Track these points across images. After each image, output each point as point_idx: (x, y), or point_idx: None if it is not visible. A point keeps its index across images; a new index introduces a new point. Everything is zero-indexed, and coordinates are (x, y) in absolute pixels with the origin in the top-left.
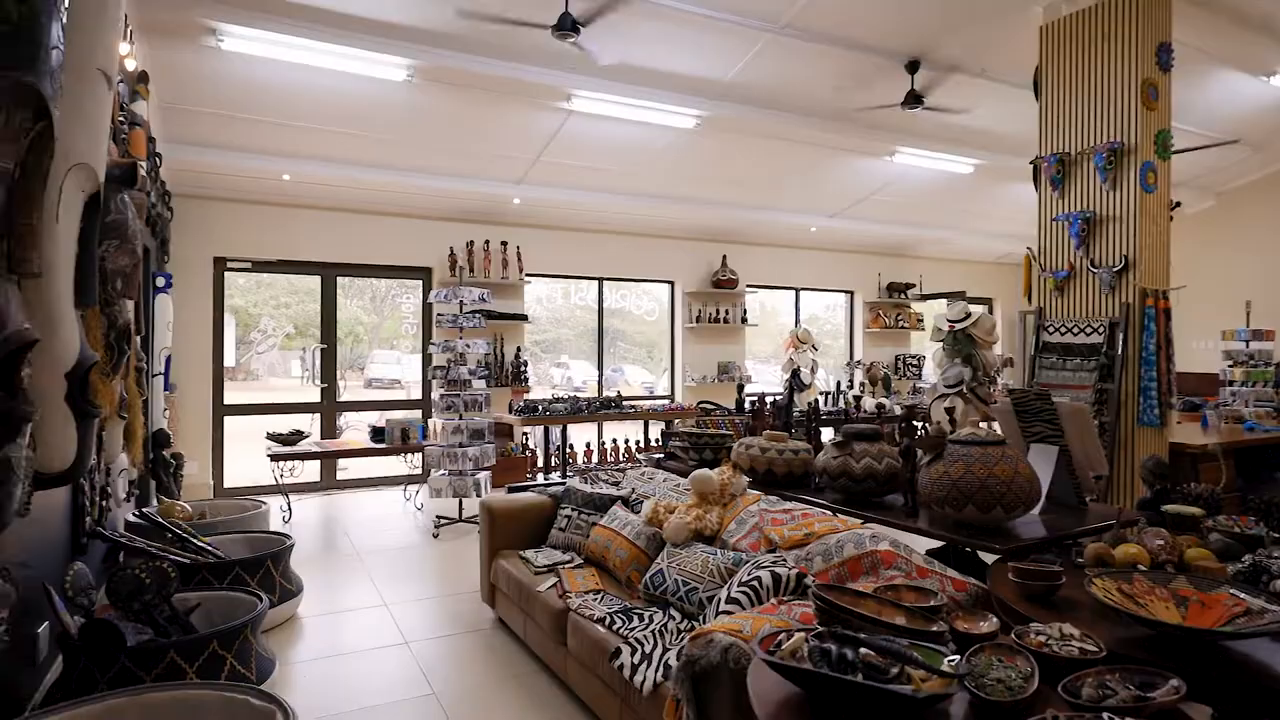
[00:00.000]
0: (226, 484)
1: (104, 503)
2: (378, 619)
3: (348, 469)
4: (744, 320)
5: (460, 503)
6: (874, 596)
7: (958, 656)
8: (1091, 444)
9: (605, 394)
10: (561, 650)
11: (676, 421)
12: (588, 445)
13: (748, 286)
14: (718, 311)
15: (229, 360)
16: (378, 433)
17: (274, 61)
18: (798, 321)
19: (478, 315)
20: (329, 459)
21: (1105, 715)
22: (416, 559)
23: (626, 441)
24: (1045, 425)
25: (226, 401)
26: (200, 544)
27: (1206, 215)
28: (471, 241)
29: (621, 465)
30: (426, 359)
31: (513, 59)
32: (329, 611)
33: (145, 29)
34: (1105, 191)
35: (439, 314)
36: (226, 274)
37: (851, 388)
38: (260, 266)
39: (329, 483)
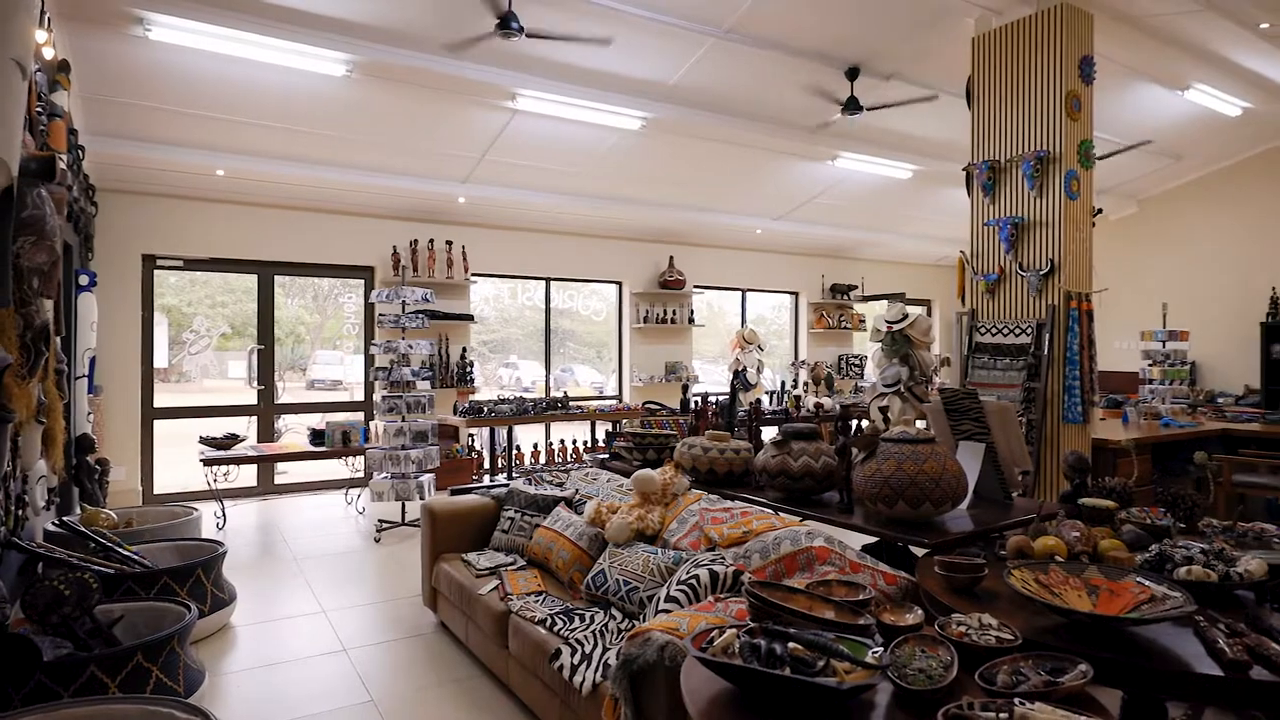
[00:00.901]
0: (157, 490)
1: (20, 512)
2: (315, 626)
3: (287, 473)
4: (691, 321)
5: (403, 506)
6: (805, 592)
7: (882, 648)
8: (1016, 441)
9: (553, 394)
10: (503, 653)
11: (625, 422)
12: (535, 446)
13: (695, 287)
14: (665, 312)
15: (160, 361)
16: (317, 435)
17: (206, 53)
18: (744, 322)
19: (421, 315)
20: (266, 463)
21: (1016, 700)
22: (357, 564)
23: (574, 442)
24: (973, 423)
25: (157, 404)
26: (126, 553)
27: (1129, 221)
28: (415, 240)
29: (567, 466)
30: (369, 360)
31: (455, 56)
32: (264, 620)
33: (65, 16)
34: (1032, 198)
35: (381, 314)
36: (156, 272)
37: (795, 387)
38: (193, 265)
39: (267, 487)
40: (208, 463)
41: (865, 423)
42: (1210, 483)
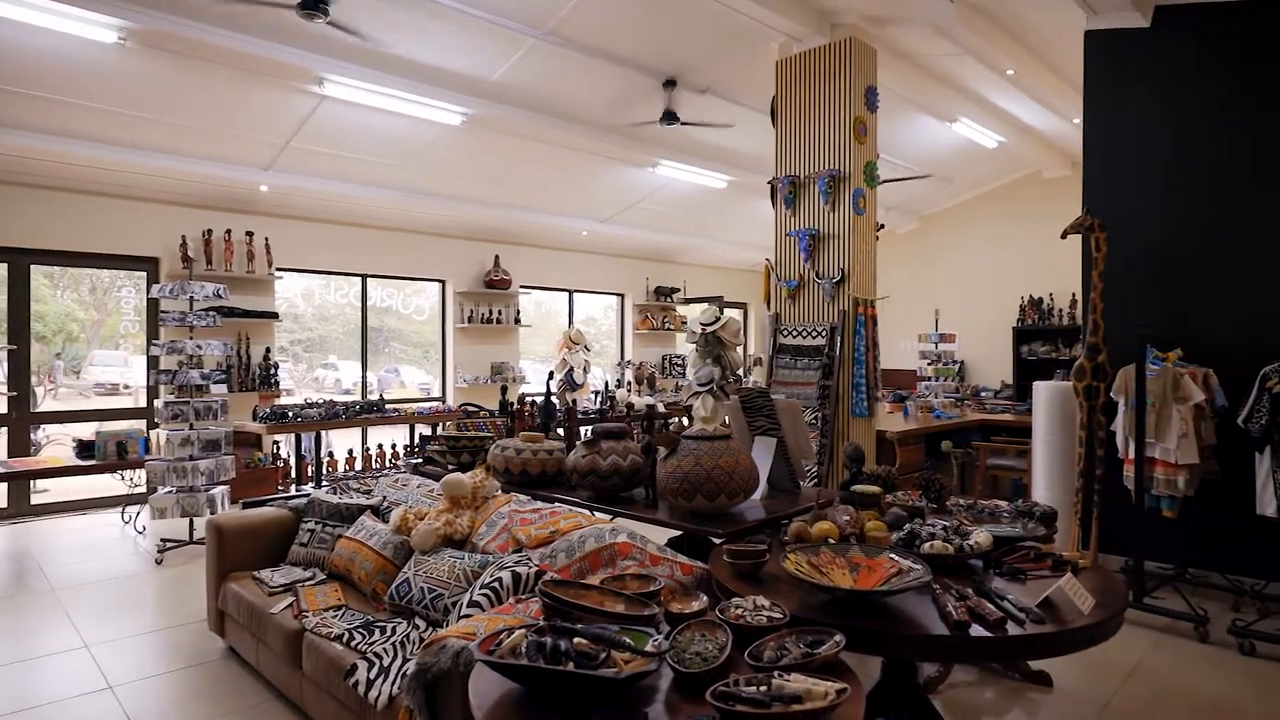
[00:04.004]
0: None
1: None
2: (74, 664)
3: (49, 491)
4: (517, 321)
5: (190, 522)
6: (598, 588)
7: (662, 637)
8: (803, 436)
9: (371, 396)
10: (296, 674)
11: (449, 424)
12: (350, 453)
13: (521, 287)
14: (490, 312)
15: None
16: (86, 447)
17: None
18: (571, 322)
19: (213, 313)
20: (16, 480)
21: (776, 673)
22: (133, 590)
23: (394, 447)
24: (766, 420)
25: None
26: None
27: (912, 235)
28: (210, 230)
29: (381, 472)
30: (151, 362)
31: (249, 32)
32: (6, 663)
33: None
34: (826, 212)
35: (165, 311)
36: None
37: (620, 387)
38: None
39: (20, 508)
40: None
41: (686, 420)
42: (954, 467)
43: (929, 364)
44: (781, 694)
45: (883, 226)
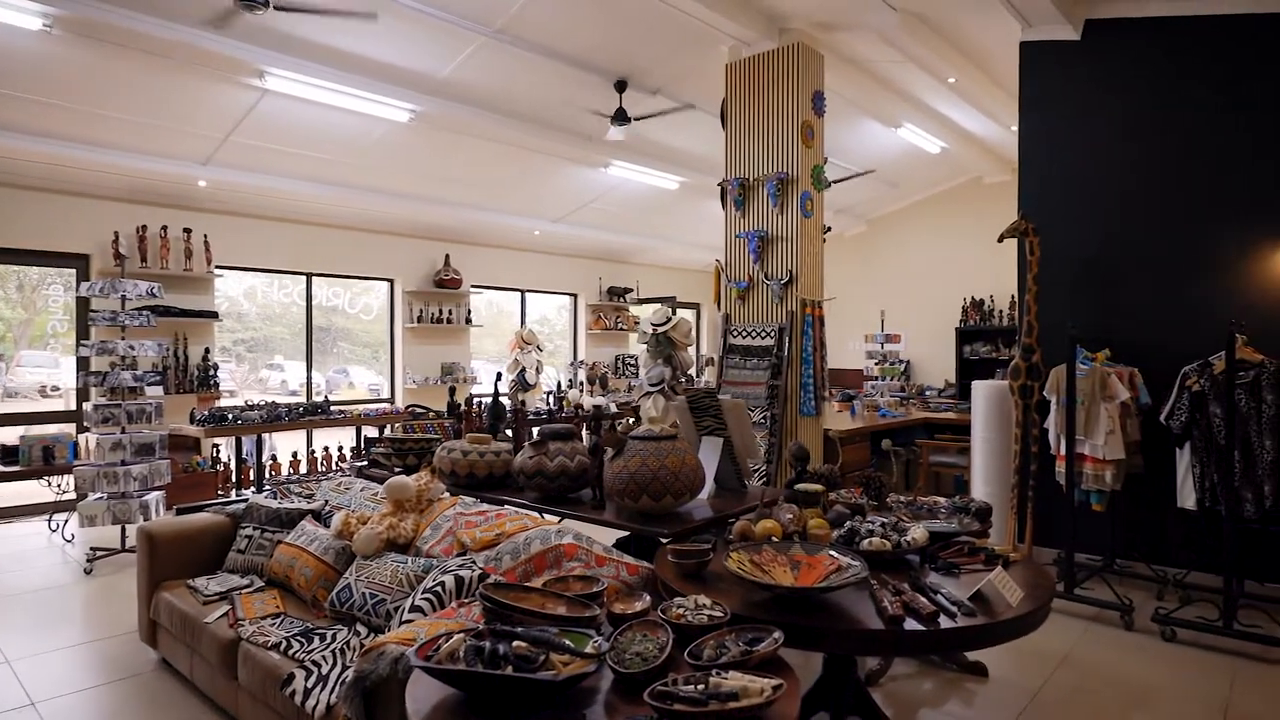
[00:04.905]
0: None
1: None
2: None
3: None
4: (468, 320)
5: (123, 530)
6: (540, 590)
7: (602, 638)
8: (749, 435)
9: (317, 398)
10: (232, 685)
11: (398, 426)
12: (295, 456)
13: (472, 286)
14: (440, 311)
15: None
16: (9, 452)
17: None
18: (524, 322)
19: (146, 313)
20: None
21: (714, 671)
22: (59, 601)
23: (340, 449)
24: (713, 420)
25: None
26: None
27: (859, 238)
28: (144, 226)
29: (325, 476)
30: (80, 364)
31: (184, 21)
32: None
33: None
34: (775, 214)
35: (95, 310)
36: None
37: (573, 387)
38: None
39: None
40: None
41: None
42: (895, 465)
43: (875, 363)
44: (718, 692)
45: (830, 229)
